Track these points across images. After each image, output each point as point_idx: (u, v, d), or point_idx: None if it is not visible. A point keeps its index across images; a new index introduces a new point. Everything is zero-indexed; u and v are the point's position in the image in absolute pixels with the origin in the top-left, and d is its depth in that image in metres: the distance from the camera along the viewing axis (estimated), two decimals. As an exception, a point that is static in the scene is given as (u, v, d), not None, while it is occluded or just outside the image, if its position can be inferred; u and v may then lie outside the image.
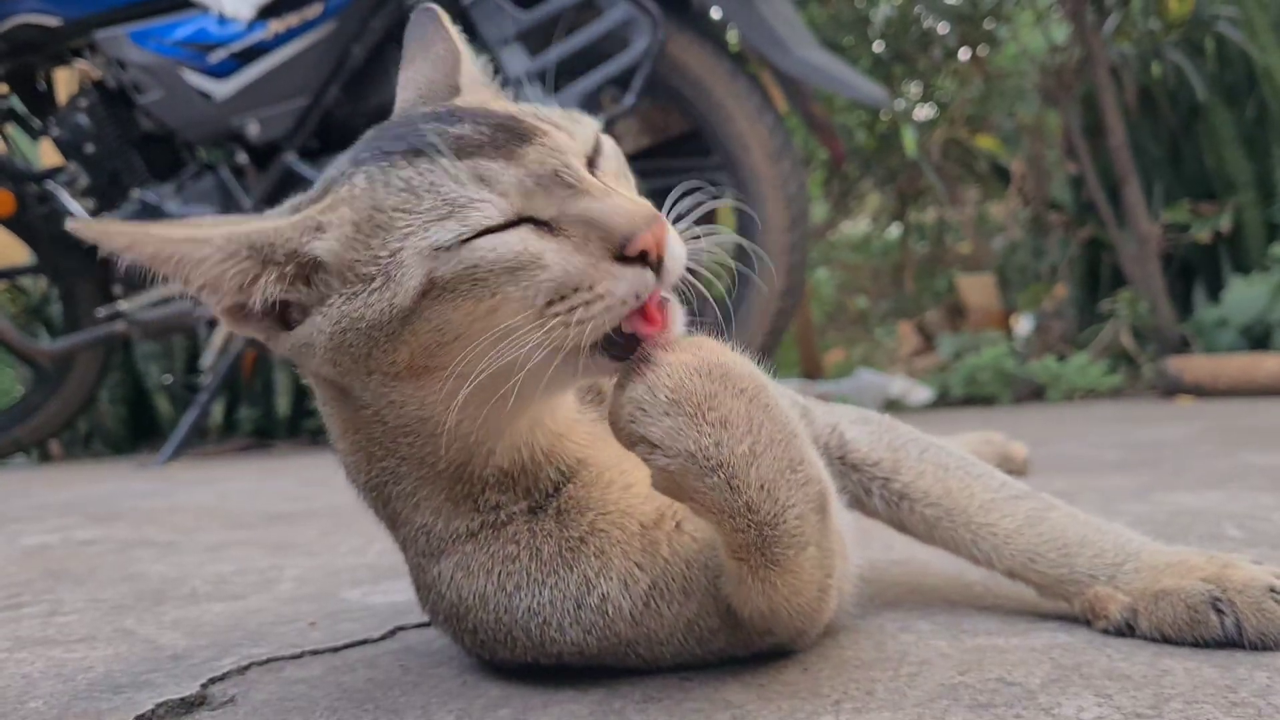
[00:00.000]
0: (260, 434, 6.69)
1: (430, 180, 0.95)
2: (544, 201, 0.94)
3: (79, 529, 2.58)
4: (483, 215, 0.92)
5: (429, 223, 0.93)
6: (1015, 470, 2.54)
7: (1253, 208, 6.30)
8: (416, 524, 1.09)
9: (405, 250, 0.93)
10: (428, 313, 0.93)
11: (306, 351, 1.01)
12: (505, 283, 0.92)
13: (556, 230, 0.93)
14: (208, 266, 0.98)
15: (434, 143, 0.97)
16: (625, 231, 0.91)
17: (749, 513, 0.91)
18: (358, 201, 0.98)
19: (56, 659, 1.33)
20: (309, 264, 0.99)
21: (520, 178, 0.94)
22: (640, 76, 3.98)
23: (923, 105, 8.30)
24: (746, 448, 0.89)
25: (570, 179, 0.94)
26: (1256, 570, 1.09)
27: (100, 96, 4.88)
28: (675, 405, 0.88)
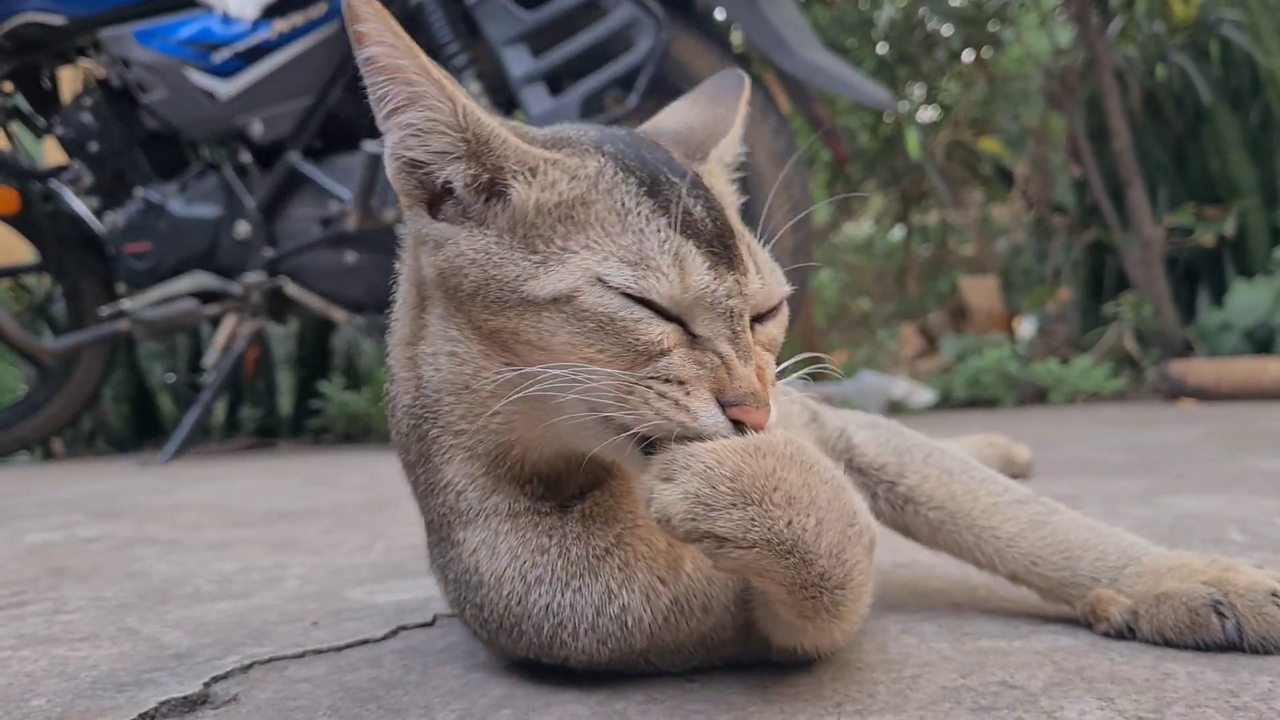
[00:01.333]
0: (263, 433, 6.70)
1: (642, 225, 0.96)
2: (704, 321, 0.95)
3: (82, 527, 2.58)
4: (657, 288, 0.93)
5: (613, 255, 0.94)
6: (1018, 473, 2.54)
7: (1257, 212, 6.30)
8: (449, 478, 1.08)
9: (577, 257, 0.95)
10: (546, 314, 0.94)
11: (433, 246, 1.03)
12: (624, 348, 0.93)
13: (695, 343, 0.95)
14: (431, 117, 0.99)
15: (669, 197, 0.98)
16: (742, 394, 0.93)
17: (822, 581, 0.90)
18: (578, 184, 0.99)
19: (60, 657, 1.33)
20: (500, 189, 1.01)
21: (706, 289, 0.95)
22: (644, 77, 3.98)
23: (926, 107, 8.30)
24: (815, 520, 0.88)
25: (738, 327, 0.96)
26: (1258, 574, 1.09)
27: (104, 95, 4.89)
28: (741, 494, 0.86)
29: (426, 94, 0.99)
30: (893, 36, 7.46)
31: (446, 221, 1.02)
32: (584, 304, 0.93)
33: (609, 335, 0.93)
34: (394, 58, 0.98)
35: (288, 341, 7.06)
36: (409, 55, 0.98)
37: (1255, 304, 5.60)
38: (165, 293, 4.74)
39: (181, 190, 4.82)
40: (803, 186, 4.30)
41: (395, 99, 0.99)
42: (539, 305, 0.94)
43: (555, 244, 0.96)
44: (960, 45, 7.38)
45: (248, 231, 4.68)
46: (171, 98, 4.64)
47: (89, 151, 4.91)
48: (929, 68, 7.60)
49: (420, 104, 0.99)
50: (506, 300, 0.96)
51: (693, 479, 0.87)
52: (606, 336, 0.93)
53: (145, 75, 4.65)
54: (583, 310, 0.93)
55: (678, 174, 1.02)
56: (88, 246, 5.15)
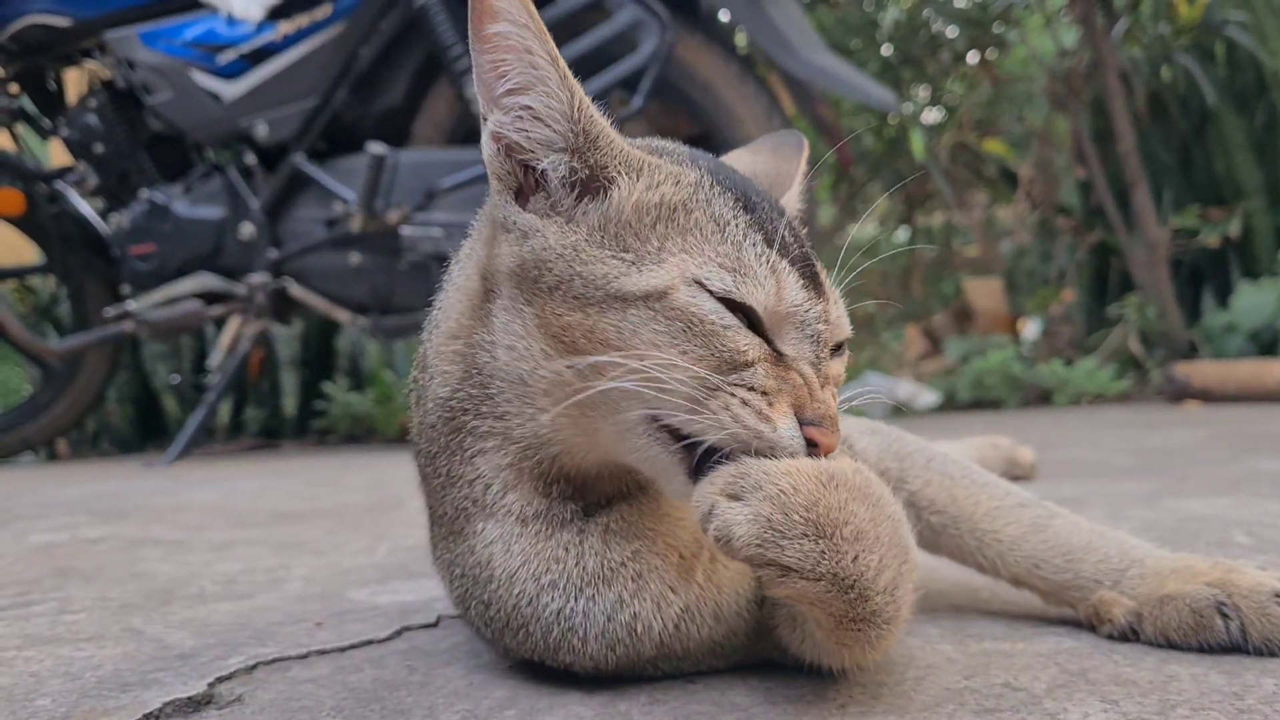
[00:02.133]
0: (267, 434, 6.71)
1: (740, 237, 0.97)
2: (792, 340, 0.96)
3: (87, 527, 2.58)
4: (753, 294, 0.94)
5: (711, 260, 0.95)
6: (1022, 475, 2.54)
7: (1262, 213, 6.29)
8: (478, 470, 1.07)
9: (675, 258, 0.95)
10: (632, 311, 0.94)
11: (517, 235, 1.01)
12: (709, 351, 0.93)
13: (779, 359, 0.95)
14: (546, 104, 0.99)
15: (763, 216, 0.99)
16: (819, 415, 0.93)
17: (873, 617, 0.90)
18: (681, 188, 0.99)
19: (65, 657, 1.33)
20: (598, 187, 1.00)
21: (798, 305, 0.96)
22: (648, 79, 3.99)
23: (931, 109, 8.29)
24: (878, 558, 0.88)
25: (821, 353, 0.97)
26: (1262, 575, 1.09)
27: (110, 97, 4.90)
28: (814, 526, 0.86)
29: (548, 79, 0.98)
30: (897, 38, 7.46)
31: (534, 214, 1.01)
32: (676, 301, 0.93)
33: (696, 337, 0.92)
34: (524, 39, 0.97)
35: (292, 343, 7.07)
36: (539, 39, 0.97)
37: (1260, 306, 5.60)
38: (170, 294, 4.75)
39: (186, 192, 4.82)
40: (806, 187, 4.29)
41: (514, 79, 0.99)
42: (627, 301, 0.94)
43: (652, 244, 0.96)
44: (965, 47, 7.37)
45: (252, 233, 4.69)
46: (176, 99, 4.66)
47: (94, 153, 4.92)
48: (933, 69, 7.59)
49: (539, 89, 0.99)
50: (590, 297, 0.95)
51: (765, 502, 0.86)
52: (694, 339, 0.92)
53: (150, 77, 4.66)
54: (673, 308, 0.93)
55: (765, 198, 1.03)
56: (93, 248, 5.15)
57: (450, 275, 1.16)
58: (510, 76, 0.99)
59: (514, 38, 0.97)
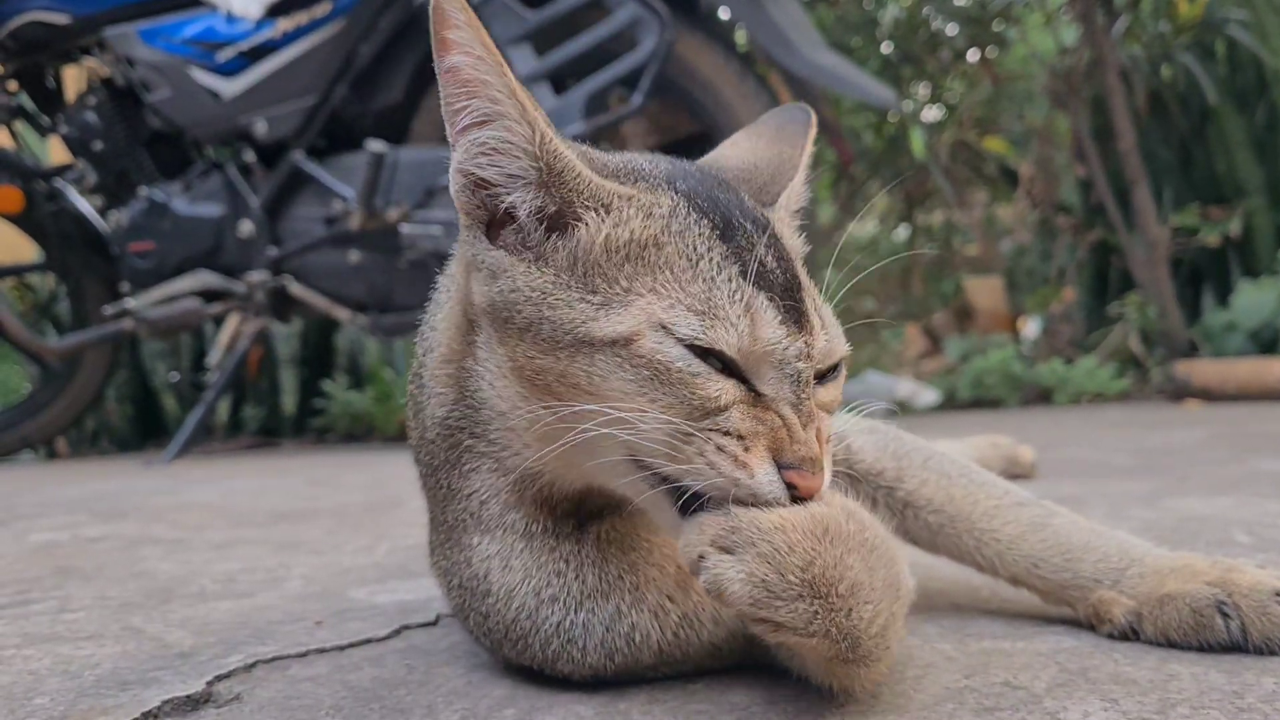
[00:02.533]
0: (266, 433, 6.70)
1: (714, 272, 0.93)
2: (770, 380, 0.93)
3: (87, 526, 2.58)
4: (725, 339, 0.91)
5: (680, 304, 0.91)
6: (1022, 474, 2.54)
7: (1262, 212, 6.28)
8: (476, 485, 1.08)
9: (641, 300, 0.92)
10: (599, 357, 0.91)
11: (487, 274, 0.99)
12: (679, 400, 0.90)
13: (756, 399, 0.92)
14: (508, 139, 0.96)
15: (742, 245, 0.95)
16: (799, 459, 0.90)
17: (862, 658, 0.89)
18: (650, 223, 0.96)
19: (64, 655, 1.33)
20: (566, 224, 0.97)
21: (773, 345, 0.92)
22: (648, 77, 3.98)
23: (931, 107, 8.28)
24: (872, 609, 0.87)
25: (802, 394, 0.93)
26: (1262, 574, 1.09)
27: (109, 94, 4.90)
28: (809, 587, 0.85)
29: (508, 114, 0.95)
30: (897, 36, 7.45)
31: (504, 249, 0.99)
32: (641, 349, 0.90)
33: (665, 385, 0.90)
34: (480, 71, 0.94)
35: (291, 341, 7.07)
36: (496, 71, 0.94)
37: (1260, 304, 5.59)
38: (169, 292, 4.75)
39: (185, 189, 4.82)
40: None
41: (474, 114, 0.96)
42: (594, 347, 0.91)
43: (620, 284, 0.93)
44: (965, 45, 7.37)
45: (251, 230, 4.69)
46: (175, 97, 4.65)
47: (93, 150, 4.92)
48: (933, 67, 7.58)
49: (499, 123, 0.96)
50: (559, 341, 0.93)
51: (759, 562, 0.85)
52: (663, 386, 0.90)
53: (149, 74, 4.66)
54: (639, 356, 0.90)
55: (750, 219, 0.99)
56: (92, 246, 5.15)
57: (438, 296, 1.15)
58: (469, 111, 0.96)
59: (469, 71, 0.94)
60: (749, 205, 1.03)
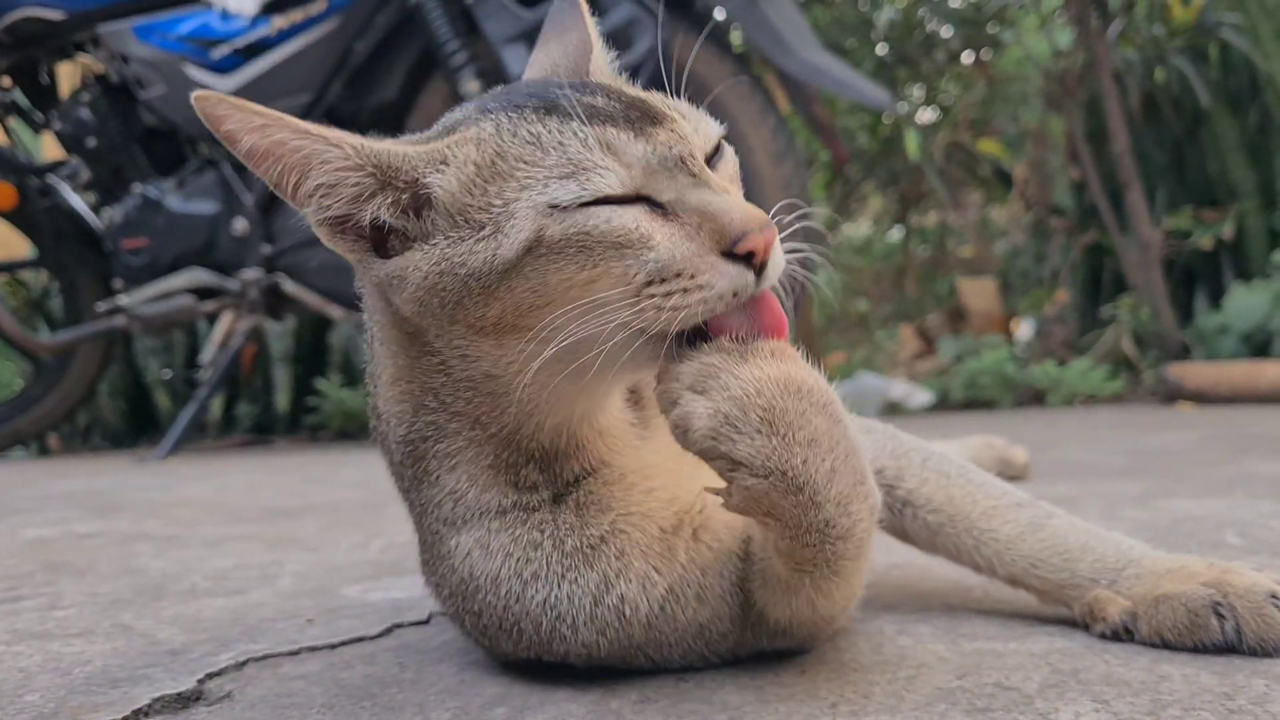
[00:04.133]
0: (259, 430, 6.69)
1: (559, 139, 0.95)
2: (665, 184, 0.94)
3: (79, 522, 2.57)
4: (605, 182, 0.93)
5: (550, 179, 0.93)
6: (1016, 475, 2.54)
7: (1255, 215, 6.30)
8: (447, 488, 1.08)
9: (520, 203, 0.94)
10: (528, 270, 0.93)
11: (397, 284, 1.01)
12: (610, 256, 0.92)
13: (669, 215, 0.94)
14: (331, 169, 0.98)
15: (567, 103, 0.97)
16: (739, 229, 0.91)
17: (826, 528, 0.90)
18: (484, 145, 0.98)
19: (54, 653, 1.33)
20: (425, 197, 0.99)
21: (646, 154, 0.94)
22: (643, 76, 3.96)
23: (926, 108, 8.31)
24: (830, 465, 0.88)
25: (694, 168, 0.95)
26: (1257, 576, 1.09)
27: (103, 91, 4.88)
28: (769, 425, 0.86)
29: (315, 151, 0.97)
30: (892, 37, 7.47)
31: (397, 255, 1.01)
32: (551, 236, 0.92)
33: (591, 253, 0.92)
34: (268, 136, 0.96)
35: (285, 338, 7.06)
36: (280, 125, 0.96)
37: (1253, 307, 5.60)
38: (162, 289, 4.74)
39: (179, 186, 4.81)
40: (802, 187, 4.29)
41: (292, 173, 0.98)
42: (518, 266, 0.93)
43: (495, 206, 0.95)
44: (960, 46, 7.39)
45: (245, 228, 4.68)
46: (170, 93, 4.64)
47: (87, 147, 4.91)
48: (928, 69, 7.60)
49: (314, 164, 0.98)
50: (490, 284, 0.94)
51: (726, 400, 0.87)
52: (590, 255, 0.92)
53: (144, 71, 4.64)
54: (554, 243, 0.92)
55: (563, 85, 1.02)
56: (85, 242, 5.14)
57: (370, 332, 1.15)
58: (288, 173, 0.98)
59: (262, 143, 0.97)
60: (563, 81, 1.06)
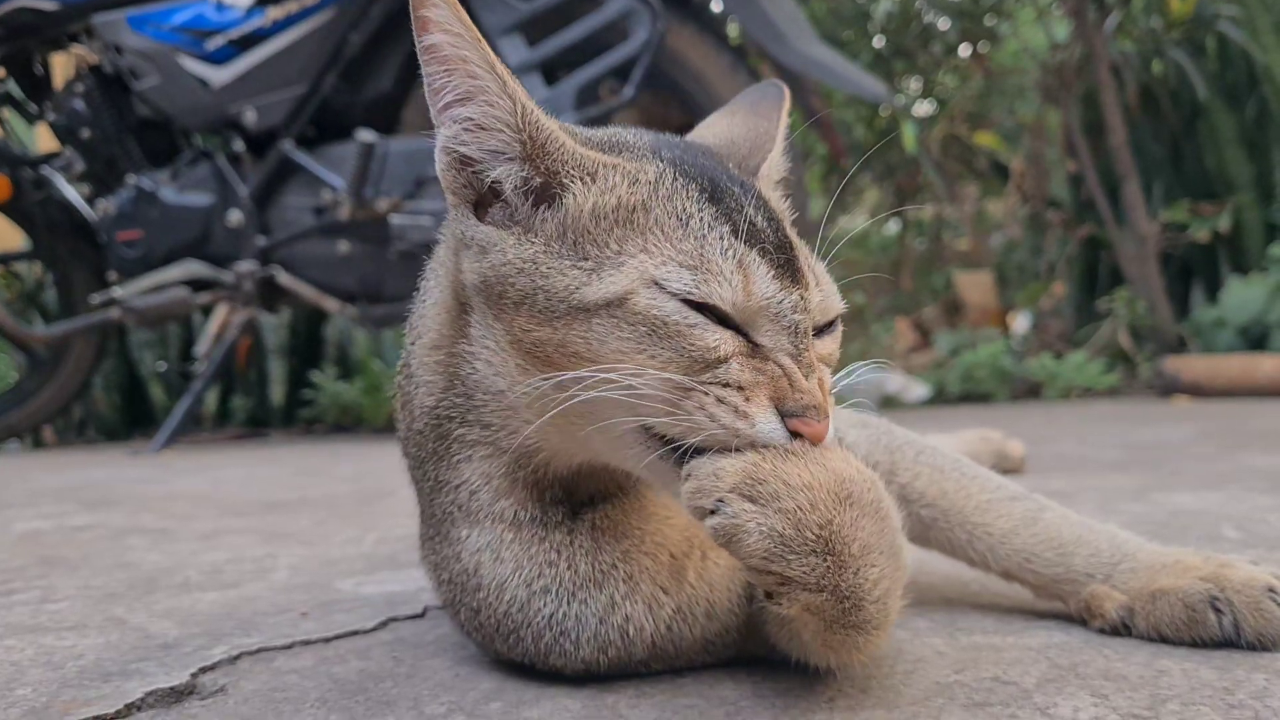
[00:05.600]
0: (254, 423, 6.68)
1: (704, 231, 0.93)
2: (768, 332, 0.92)
3: (73, 515, 2.56)
4: (719, 293, 0.90)
5: (672, 260, 0.91)
6: (1012, 469, 2.54)
7: (1252, 208, 6.30)
8: (464, 476, 1.06)
9: (634, 259, 0.92)
10: (596, 321, 0.91)
11: (476, 251, 0.99)
12: (678, 353, 0.89)
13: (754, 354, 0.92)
14: (492, 113, 0.96)
15: (730, 209, 0.95)
16: (801, 408, 0.89)
17: (863, 624, 0.89)
18: (637, 189, 0.96)
19: (46, 646, 1.32)
20: (553, 194, 0.97)
21: (769, 299, 0.92)
22: (639, 68, 3.97)
23: (922, 101, 8.29)
24: (878, 571, 0.87)
25: (801, 344, 0.93)
26: (1255, 570, 1.09)
27: (97, 82, 4.86)
28: (825, 545, 0.84)
29: (488, 89, 0.95)
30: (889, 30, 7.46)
31: (493, 225, 0.99)
32: (637, 305, 0.89)
33: (662, 340, 0.89)
34: (459, 48, 0.94)
35: (280, 331, 7.05)
36: (474, 47, 0.94)
37: (1249, 301, 5.61)
38: (157, 281, 4.72)
39: (174, 178, 4.79)
40: (797, 179, 4.29)
41: (455, 91, 0.96)
42: (589, 312, 0.91)
43: (610, 249, 0.93)
44: (957, 39, 7.38)
45: (240, 220, 4.66)
46: (164, 84, 4.62)
47: (81, 138, 4.89)
48: (925, 62, 7.59)
49: (480, 99, 0.96)
50: (555, 310, 0.92)
51: (780, 517, 0.84)
52: (660, 341, 0.89)
53: (138, 62, 4.62)
54: (635, 313, 0.90)
55: (736, 184, 1.00)
56: (79, 234, 5.12)
57: (426, 283, 1.14)
58: (450, 89, 0.96)
59: (448, 48, 0.95)
60: (734, 172, 1.04)
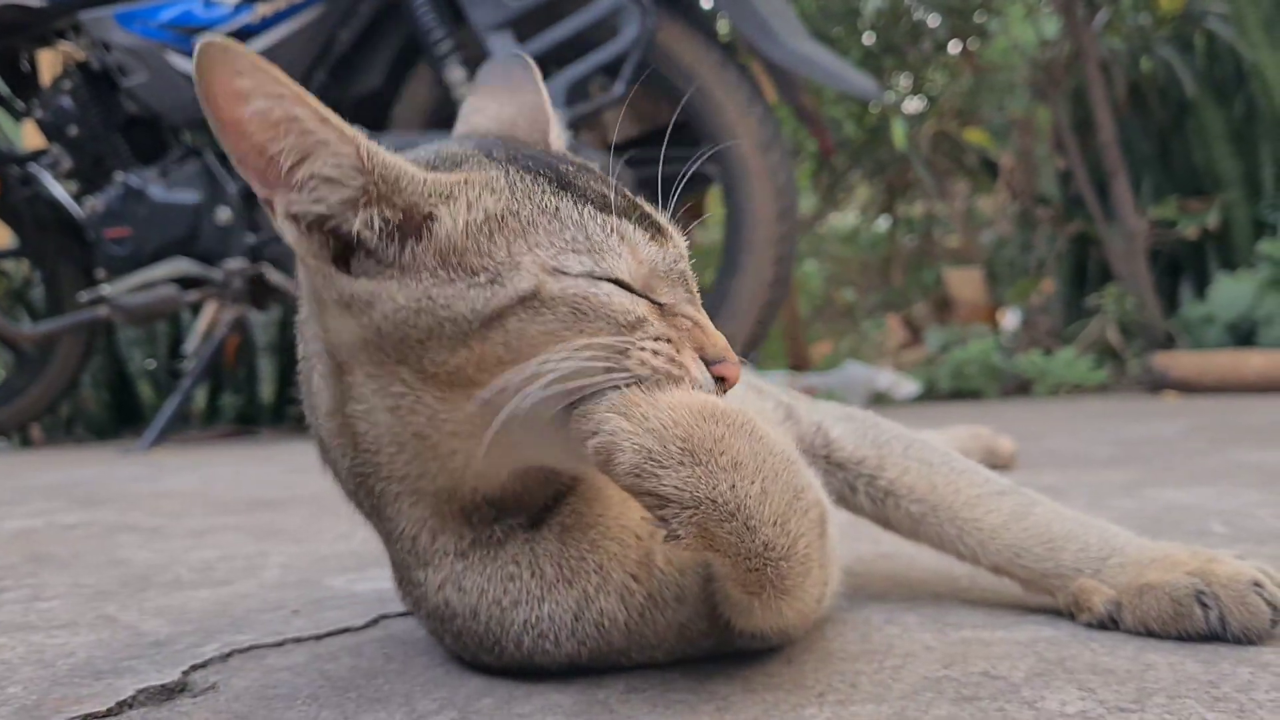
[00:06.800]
0: (244, 420, 6.67)
1: (576, 216, 0.95)
2: (664, 290, 0.96)
3: (63, 513, 2.56)
4: (617, 267, 0.93)
5: (565, 250, 0.93)
6: (1002, 464, 2.55)
7: (1240, 204, 6.33)
8: (401, 528, 1.06)
9: (529, 257, 0.92)
10: (510, 322, 0.90)
11: (359, 307, 0.95)
12: (605, 321, 0.91)
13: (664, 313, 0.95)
14: (335, 164, 0.93)
15: (582, 190, 0.97)
16: (722, 352, 0.94)
17: (766, 551, 0.89)
18: (498, 196, 0.95)
19: (37, 644, 1.32)
20: (416, 225, 0.95)
21: (656, 259, 0.96)
22: (630, 65, 3.97)
23: (912, 98, 8.31)
24: (759, 487, 0.87)
25: (691, 287, 0.99)
26: (1241, 565, 1.09)
27: (84, 79, 4.84)
28: (689, 455, 0.85)
29: (328, 140, 0.92)
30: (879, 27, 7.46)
31: (365, 276, 0.96)
32: (551, 291, 0.90)
33: (584, 315, 0.90)
34: (286, 107, 0.91)
35: (269, 328, 7.03)
36: (300, 102, 0.91)
37: (1238, 297, 5.63)
38: (145, 279, 4.71)
39: (162, 175, 4.78)
40: (788, 175, 4.29)
41: (293, 153, 0.92)
42: (503, 315, 0.90)
43: (497, 257, 0.92)
44: (946, 36, 7.39)
45: (229, 217, 4.65)
46: (152, 81, 4.60)
47: (68, 135, 4.87)
48: (915, 58, 7.60)
49: (322, 152, 0.93)
50: (466, 331, 0.91)
51: (639, 434, 0.86)
52: (583, 317, 0.90)
53: (126, 59, 4.60)
54: (552, 298, 0.90)
55: (566, 162, 1.02)
56: (67, 231, 5.10)
57: (305, 352, 1.10)
58: (287, 153, 0.92)
59: (276, 111, 0.90)
60: (554, 153, 1.06)
